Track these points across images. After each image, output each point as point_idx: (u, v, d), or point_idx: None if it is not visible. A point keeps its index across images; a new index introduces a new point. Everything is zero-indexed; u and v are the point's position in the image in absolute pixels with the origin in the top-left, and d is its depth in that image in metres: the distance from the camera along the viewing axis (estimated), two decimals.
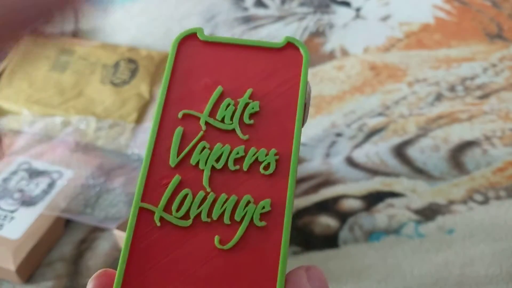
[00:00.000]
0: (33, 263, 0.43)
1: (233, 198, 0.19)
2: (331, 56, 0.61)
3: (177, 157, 0.20)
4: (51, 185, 0.47)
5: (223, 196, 0.20)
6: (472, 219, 0.43)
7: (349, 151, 0.50)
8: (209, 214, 0.19)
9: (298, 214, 0.46)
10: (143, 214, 0.19)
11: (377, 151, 0.50)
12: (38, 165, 0.49)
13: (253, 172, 0.20)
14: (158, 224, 0.19)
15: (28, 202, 0.46)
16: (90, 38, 0.66)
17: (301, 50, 0.22)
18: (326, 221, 0.45)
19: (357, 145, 0.51)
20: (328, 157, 0.50)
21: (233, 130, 0.21)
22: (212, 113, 0.21)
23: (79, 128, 0.53)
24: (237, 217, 0.19)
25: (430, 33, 0.62)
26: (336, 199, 0.46)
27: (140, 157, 0.50)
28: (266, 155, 0.20)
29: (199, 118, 0.21)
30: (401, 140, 0.50)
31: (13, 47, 0.21)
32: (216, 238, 0.19)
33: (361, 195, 0.46)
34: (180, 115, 0.21)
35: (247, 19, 0.67)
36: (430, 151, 0.49)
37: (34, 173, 0.48)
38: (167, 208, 0.19)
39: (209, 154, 0.20)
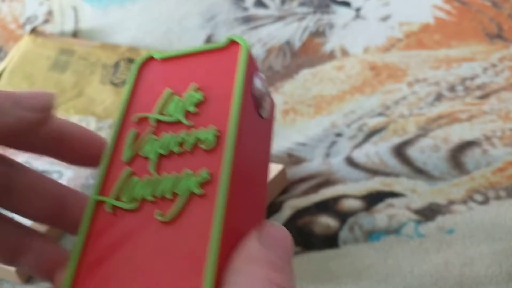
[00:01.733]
0: None
1: (175, 174, 0.20)
2: (331, 56, 0.61)
3: (130, 153, 0.22)
4: None
5: (165, 175, 0.20)
6: (472, 219, 0.43)
7: (349, 151, 0.50)
8: (153, 193, 0.20)
9: (298, 214, 0.46)
10: (99, 207, 0.21)
11: (377, 151, 0.50)
12: (38, 165, 0.49)
13: (195, 150, 0.21)
14: (110, 211, 0.20)
15: None
16: (90, 38, 0.66)
17: (240, 42, 0.23)
18: (326, 221, 0.45)
19: (357, 145, 0.51)
20: (328, 157, 0.50)
21: (179, 120, 0.22)
22: (161, 111, 0.23)
23: None
24: (178, 190, 0.20)
25: (430, 33, 0.62)
26: (336, 199, 0.46)
27: None
28: (207, 133, 0.21)
29: (149, 118, 0.23)
30: (401, 140, 0.50)
31: None
32: (158, 213, 0.19)
33: (361, 195, 0.46)
34: (135, 119, 0.23)
35: (247, 19, 0.67)
36: (430, 151, 0.49)
37: None
38: (118, 197, 0.21)
39: (157, 144, 0.21)
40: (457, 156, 0.48)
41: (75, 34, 0.67)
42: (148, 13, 0.69)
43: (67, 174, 0.48)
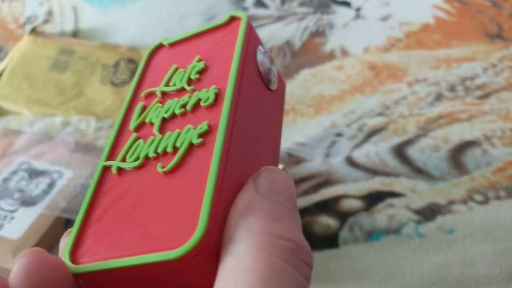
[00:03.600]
0: None
1: (177, 131, 0.21)
2: (331, 56, 0.61)
3: (137, 122, 0.23)
4: (51, 185, 0.47)
5: (168, 133, 0.21)
6: (472, 219, 0.43)
7: (349, 151, 0.50)
8: (156, 150, 0.21)
9: None
10: (105, 171, 0.21)
11: (377, 151, 0.50)
12: (38, 165, 0.49)
13: (196, 109, 0.21)
14: (115, 172, 0.21)
15: (28, 202, 0.46)
16: (90, 38, 0.66)
17: (240, 16, 0.24)
18: (326, 221, 0.45)
19: (357, 145, 0.51)
20: (328, 157, 0.50)
21: (182, 87, 0.23)
22: (167, 84, 0.23)
23: (79, 128, 0.53)
24: (178, 144, 0.20)
25: (430, 33, 0.62)
26: (336, 199, 0.46)
27: None
28: (207, 92, 0.21)
29: (156, 91, 0.24)
30: (401, 140, 0.50)
31: None
32: (159, 165, 0.20)
33: (361, 195, 0.46)
34: (143, 94, 0.24)
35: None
36: (430, 151, 0.49)
37: (34, 173, 0.48)
38: (124, 160, 0.21)
39: (161, 110, 0.22)
40: (457, 156, 0.48)
41: (75, 34, 0.67)
42: (148, 13, 0.69)
43: (67, 174, 0.48)
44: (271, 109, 0.24)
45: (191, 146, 0.20)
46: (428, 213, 0.44)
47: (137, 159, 0.21)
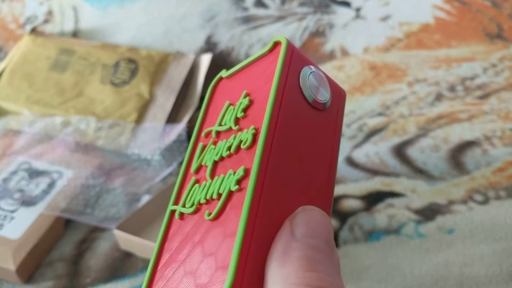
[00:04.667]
0: (33, 263, 0.43)
1: (222, 176, 0.22)
2: (331, 56, 0.61)
3: (197, 164, 0.24)
4: (51, 185, 0.47)
5: (216, 178, 0.22)
6: (472, 219, 0.43)
7: (349, 151, 0.50)
8: (206, 196, 0.22)
9: None
10: (172, 215, 0.24)
11: (377, 151, 0.50)
12: (38, 165, 0.49)
13: (239, 151, 0.22)
14: (177, 218, 0.23)
15: (28, 202, 0.46)
16: (90, 38, 0.66)
17: (281, 41, 0.24)
18: None
19: (357, 145, 0.51)
20: None
21: (230, 127, 0.24)
22: (221, 123, 0.25)
23: (79, 128, 0.53)
24: (221, 190, 0.21)
25: (430, 33, 0.62)
26: (336, 199, 0.46)
27: (139, 157, 0.50)
28: (247, 133, 0.22)
29: (212, 131, 0.25)
30: (401, 140, 0.50)
31: None
32: (206, 213, 0.21)
33: (361, 195, 0.46)
34: (203, 134, 0.25)
35: (247, 19, 0.67)
36: (430, 151, 0.49)
37: (34, 173, 0.48)
38: (185, 204, 0.23)
39: (213, 152, 0.23)
40: (457, 156, 0.48)
41: (75, 34, 0.67)
42: (148, 13, 0.69)
43: (67, 174, 0.48)
44: (323, 131, 0.23)
45: (231, 192, 0.21)
46: (428, 213, 0.44)
47: (192, 204, 0.22)
